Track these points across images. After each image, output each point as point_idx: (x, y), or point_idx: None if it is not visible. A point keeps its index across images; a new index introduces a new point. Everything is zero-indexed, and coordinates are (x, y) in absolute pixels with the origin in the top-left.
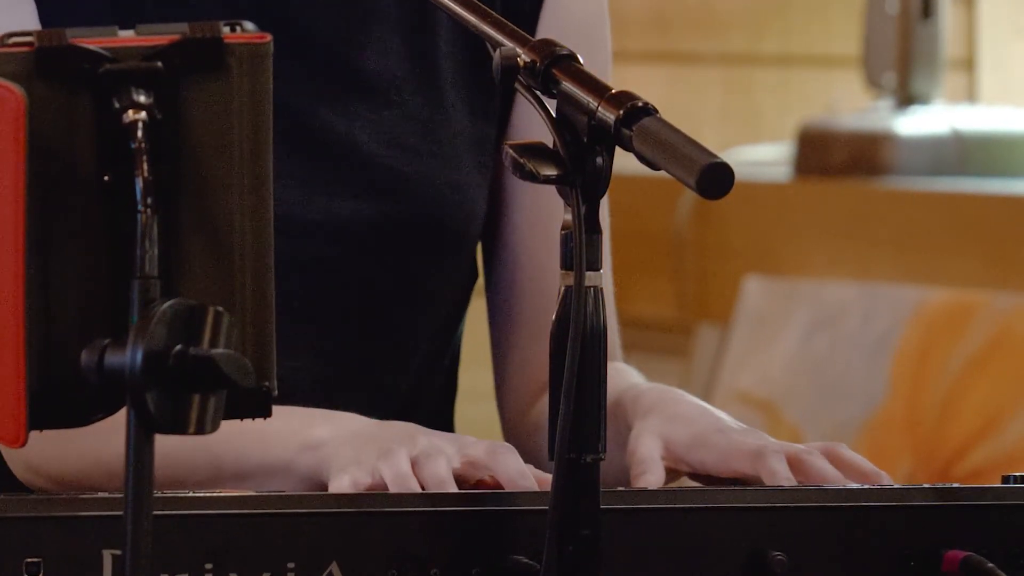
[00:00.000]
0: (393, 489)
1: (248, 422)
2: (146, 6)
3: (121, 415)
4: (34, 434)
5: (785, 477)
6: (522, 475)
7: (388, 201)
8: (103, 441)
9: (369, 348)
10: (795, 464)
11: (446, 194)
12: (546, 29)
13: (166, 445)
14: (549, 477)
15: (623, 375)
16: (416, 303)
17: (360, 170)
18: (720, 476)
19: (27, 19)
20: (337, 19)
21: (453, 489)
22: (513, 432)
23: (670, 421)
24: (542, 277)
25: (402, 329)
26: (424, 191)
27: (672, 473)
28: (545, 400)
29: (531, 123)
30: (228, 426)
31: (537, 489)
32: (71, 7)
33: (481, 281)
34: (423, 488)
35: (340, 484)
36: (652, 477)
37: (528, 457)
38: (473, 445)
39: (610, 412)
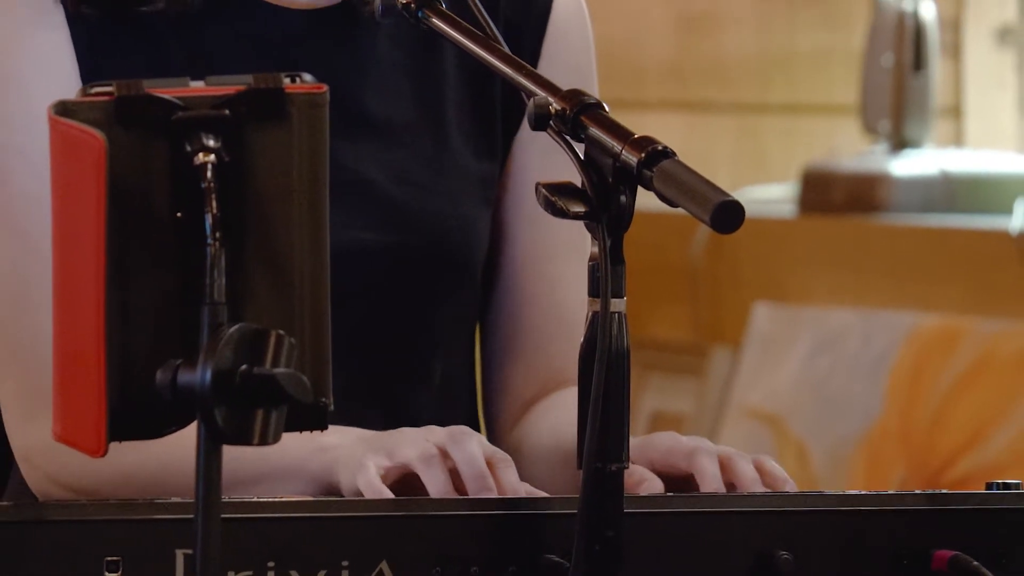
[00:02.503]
0: (426, 478)
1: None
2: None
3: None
4: (58, 449)
5: (713, 475)
6: (518, 488)
7: (398, 234)
8: (123, 455)
9: (384, 374)
10: (725, 464)
11: (452, 227)
12: (545, 69)
13: (189, 449)
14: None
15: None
16: (426, 330)
17: (372, 206)
18: (666, 473)
19: (71, 72)
20: (350, 68)
21: (483, 467)
22: (506, 446)
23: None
24: (533, 307)
25: (417, 354)
26: (432, 225)
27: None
28: (526, 421)
29: (529, 158)
30: None
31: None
32: (103, 41)
33: None
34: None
35: (367, 476)
36: (654, 484)
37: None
38: (473, 448)
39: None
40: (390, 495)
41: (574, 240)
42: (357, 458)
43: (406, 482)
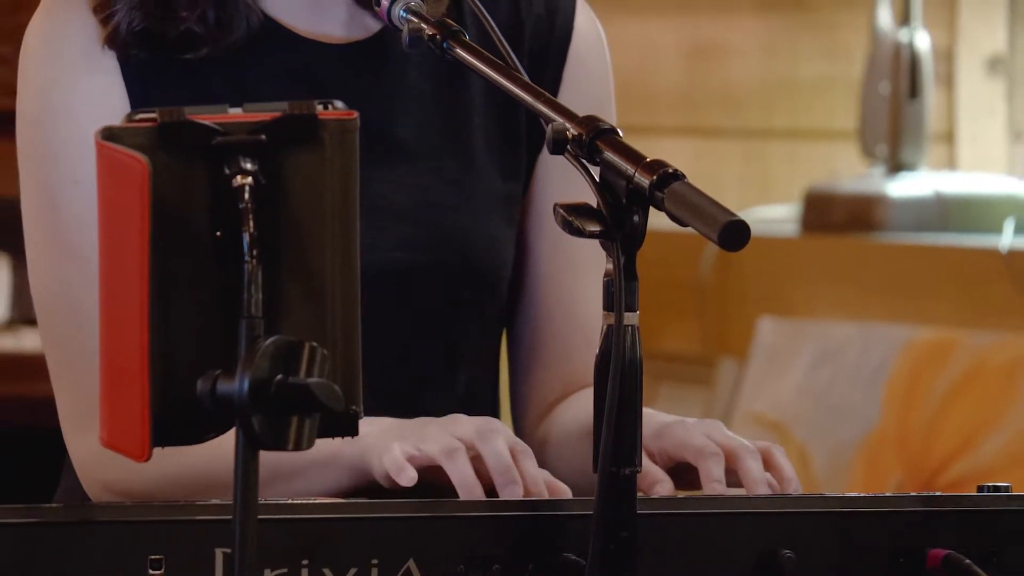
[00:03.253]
0: (449, 464)
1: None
2: (213, 83)
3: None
4: (111, 458)
5: (716, 480)
6: (537, 475)
7: (429, 253)
8: (171, 462)
9: (416, 380)
10: (731, 459)
11: (479, 246)
12: (564, 100)
13: (228, 448)
14: (561, 486)
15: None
16: (455, 340)
17: (404, 225)
18: (678, 462)
19: (118, 101)
20: (383, 98)
21: (509, 460)
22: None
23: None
24: (556, 318)
25: (444, 364)
26: (460, 244)
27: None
28: (550, 420)
29: (550, 179)
30: None
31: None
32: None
33: None
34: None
35: (393, 456)
36: (664, 486)
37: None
38: (490, 439)
39: (582, 433)
40: (414, 473)
41: (592, 256)
42: (386, 444)
43: (432, 469)
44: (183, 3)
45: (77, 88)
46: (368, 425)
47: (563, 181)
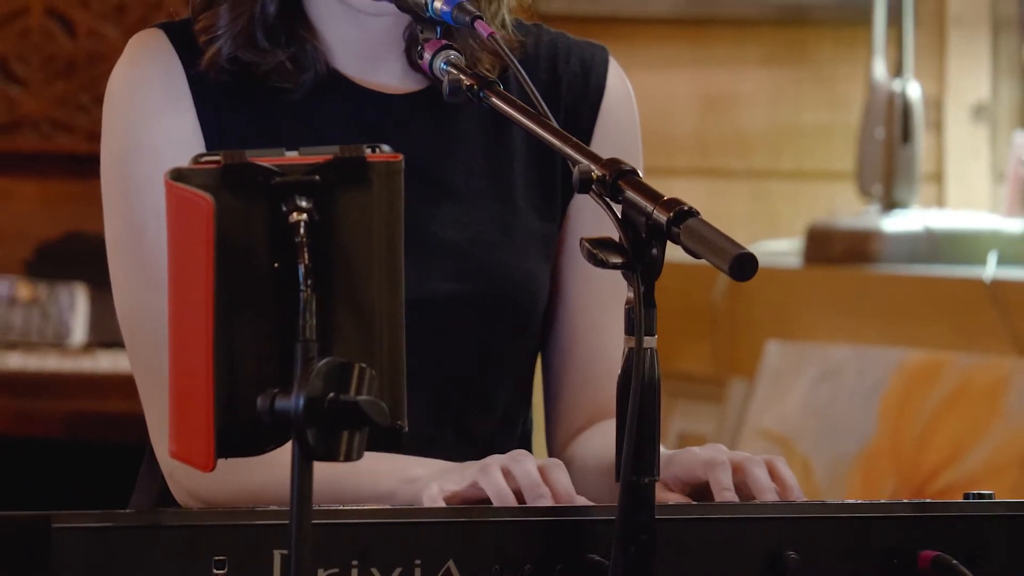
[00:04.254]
0: (483, 479)
1: (364, 463)
2: (283, 128)
3: (256, 460)
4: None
5: (726, 487)
6: (567, 490)
7: (473, 285)
8: (246, 475)
9: (457, 402)
10: (739, 470)
11: (518, 280)
12: (598, 145)
13: (286, 481)
14: (582, 500)
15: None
16: (494, 365)
17: (451, 261)
18: (689, 484)
19: (194, 140)
20: (435, 144)
21: (537, 478)
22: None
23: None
24: (584, 350)
25: (485, 386)
26: (501, 278)
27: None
28: (575, 445)
29: (582, 219)
30: (350, 465)
31: (578, 502)
32: (223, 123)
33: None
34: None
35: (430, 493)
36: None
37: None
38: (529, 461)
39: (602, 469)
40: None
41: (619, 293)
42: (431, 483)
43: (469, 502)
44: (270, 39)
45: (159, 129)
46: (422, 467)
47: (594, 222)
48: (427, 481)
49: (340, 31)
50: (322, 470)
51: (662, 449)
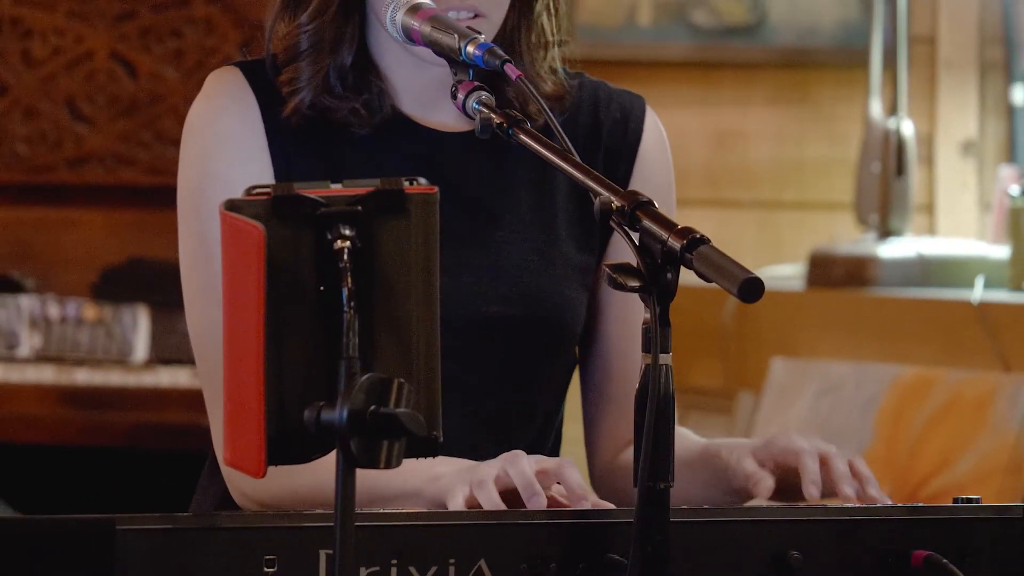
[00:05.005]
0: (478, 491)
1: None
2: (347, 163)
3: (316, 465)
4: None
5: (813, 480)
6: (580, 485)
7: (519, 309)
8: (298, 478)
9: (501, 412)
10: (824, 463)
11: (559, 304)
12: (634, 187)
13: (326, 482)
14: (604, 503)
15: (689, 435)
16: (535, 380)
17: (500, 285)
18: (783, 467)
19: (265, 172)
20: (487, 180)
21: (532, 478)
22: (598, 476)
23: (743, 445)
24: (624, 367)
25: (525, 398)
26: (543, 303)
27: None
28: (623, 456)
29: (619, 252)
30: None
31: (588, 500)
32: (294, 163)
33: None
34: (514, 482)
35: (456, 502)
36: (767, 483)
37: (611, 491)
38: (548, 460)
39: (702, 458)
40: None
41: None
42: (454, 487)
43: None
44: (346, 86)
45: (232, 160)
46: (445, 466)
47: (632, 255)
48: (450, 479)
49: (404, 77)
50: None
51: (749, 442)
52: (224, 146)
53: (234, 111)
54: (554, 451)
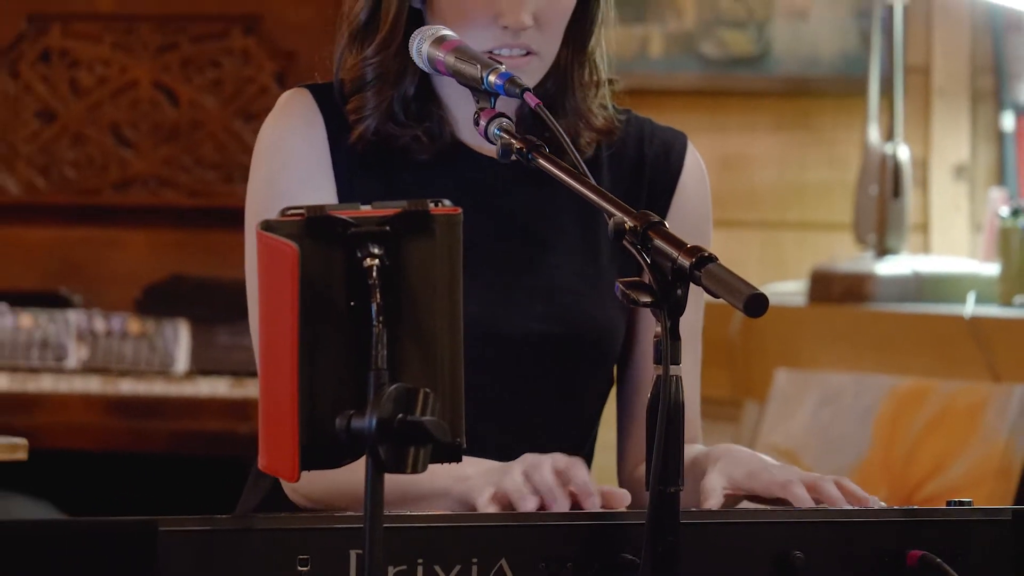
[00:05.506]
0: (515, 496)
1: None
2: (406, 187)
3: (355, 464)
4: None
5: (804, 499)
6: (587, 482)
7: (562, 326)
8: (340, 477)
9: (540, 423)
10: (812, 488)
11: (600, 324)
12: (672, 219)
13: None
14: (619, 492)
15: (697, 448)
16: (576, 394)
17: (544, 305)
18: (765, 498)
19: (329, 191)
20: (536, 207)
21: (551, 483)
22: (627, 482)
23: (731, 464)
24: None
25: (566, 411)
26: (585, 321)
27: (731, 498)
28: (639, 468)
29: None
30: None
31: (596, 496)
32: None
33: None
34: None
35: (482, 501)
36: (712, 501)
37: (637, 494)
38: (561, 460)
39: (690, 467)
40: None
41: (684, 339)
42: (480, 487)
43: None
44: (408, 115)
45: (298, 178)
46: (472, 467)
47: None
48: (477, 479)
49: (463, 106)
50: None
51: (744, 461)
52: (291, 164)
53: (302, 132)
54: (588, 457)
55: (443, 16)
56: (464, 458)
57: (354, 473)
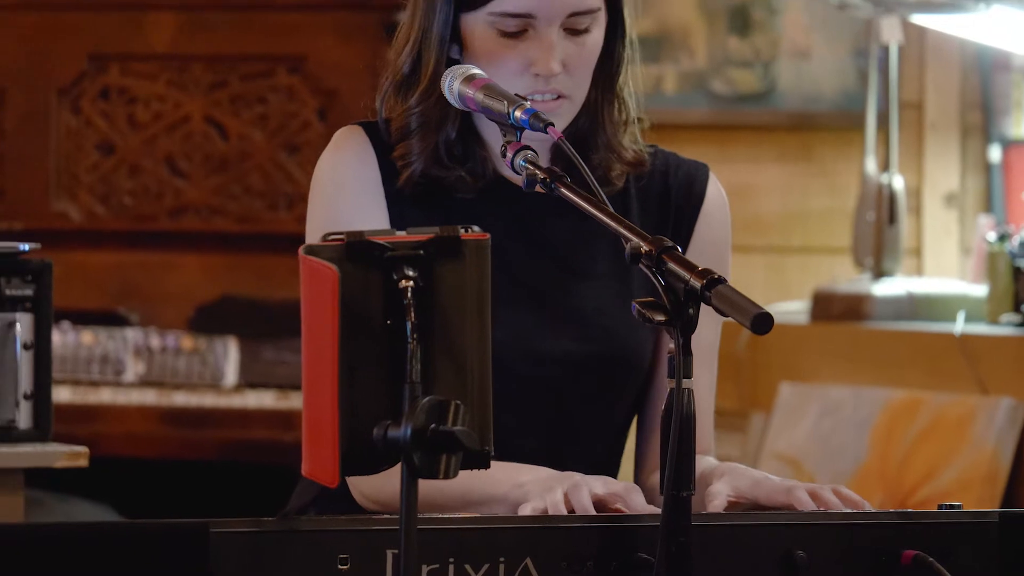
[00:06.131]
0: (552, 511)
1: (484, 472)
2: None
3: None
4: (365, 479)
5: (807, 503)
6: (644, 507)
7: (594, 345)
8: (387, 482)
9: (573, 434)
10: (812, 494)
11: (630, 343)
12: (694, 244)
13: (433, 486)
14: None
15: (707, 461)
16: (607, 406)
17: (579, 326)
18: (767, 505)
19: (382, 219)
20: (570, 236)
21: (591, 511)
22: (644, 487)
23: (736, 477)
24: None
25: (598, 422)
26: (617, 342)
27: (736, 506)
28: (654, 475)
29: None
30: (473, 474)
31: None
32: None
33: None
34: (572, 510)
35: (526, 509)
36: (716, 503)
37: (652, 499)
38: (616, 483)
39: (698, 481)
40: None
41: (703, 357)
42: (532, 494)
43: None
44: (452, 157)
45: (354, 206)
46: (529, 474)
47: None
48: (530, 488)
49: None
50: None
51: (748, 474)
52: (346, 195)
53: (356, 165)
54: (617, 461)
55: (479, 65)
56: (522, 466)
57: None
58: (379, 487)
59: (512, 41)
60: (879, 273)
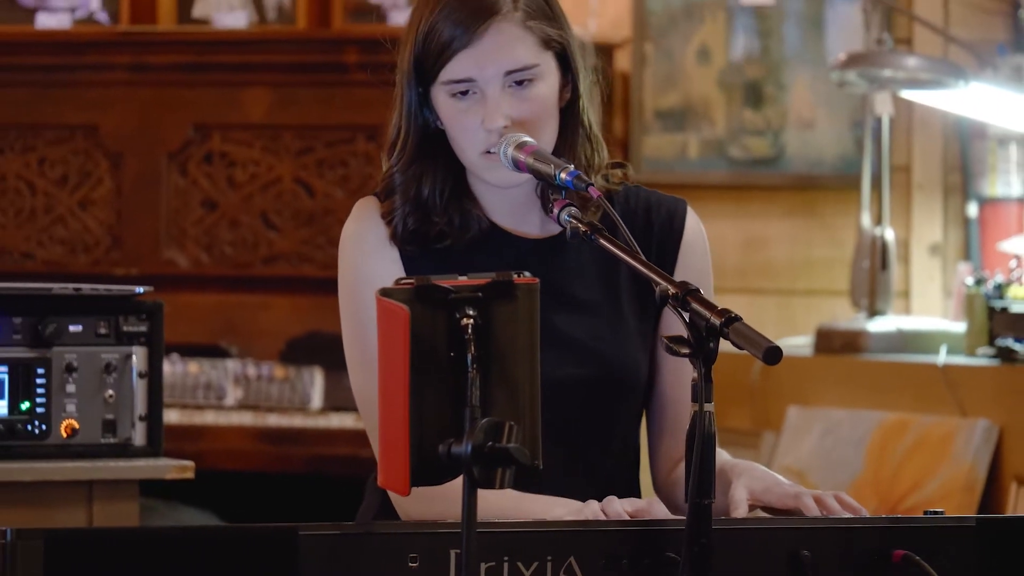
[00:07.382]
0: (591, 518)
1: (523, 505)
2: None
3: (450, 488)
4: (406, 499)
5: (812, 509)
6: (666, 515)
7: (593, 370)
8: (434, 505)
9: (585, 450)
10: (818, 501)
11: (626, 365)
12: (679, 272)
13: (492, 506)
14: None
15: (723, 455)
16: (611, 425)
17: (577, 353)
18: (777, 508)
19: (395, 262)
20: (565, 274)
21: (626, 517)
22: (659, 486)
23: (752, 479)
24: (676, 409)
25: (607, 436)
26: (613, 364)
27: (749, 507)
28: (675, 473)
29: (669, 322)
30: (518, 501)
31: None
32: (417, 264)
33: None
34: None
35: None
36: (740, 511)
37: (668, 500)
38: (639, 501)
39: (719, 473)
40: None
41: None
42: (587, 512)
43: None
44: (437, 212)
45: (375, 267)
46: (561, 507)
47: (677, 325)
48: (583, 509)
49: (493, 198)
50: (492, 509)
51: (761, 477)
52: (366, 257)
53: (370, 229)
54: (635, 465)
55: (451, 129)
56: (555, 499)
57: (447, 504)
58: (423, 512)
59: (464, 104)
60: (873, 312)
